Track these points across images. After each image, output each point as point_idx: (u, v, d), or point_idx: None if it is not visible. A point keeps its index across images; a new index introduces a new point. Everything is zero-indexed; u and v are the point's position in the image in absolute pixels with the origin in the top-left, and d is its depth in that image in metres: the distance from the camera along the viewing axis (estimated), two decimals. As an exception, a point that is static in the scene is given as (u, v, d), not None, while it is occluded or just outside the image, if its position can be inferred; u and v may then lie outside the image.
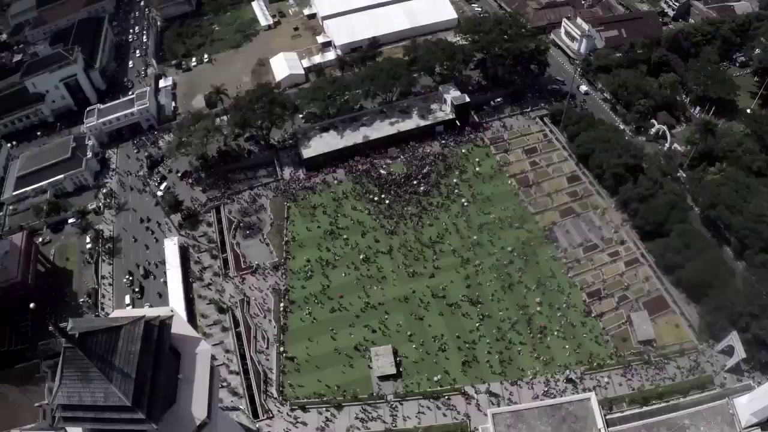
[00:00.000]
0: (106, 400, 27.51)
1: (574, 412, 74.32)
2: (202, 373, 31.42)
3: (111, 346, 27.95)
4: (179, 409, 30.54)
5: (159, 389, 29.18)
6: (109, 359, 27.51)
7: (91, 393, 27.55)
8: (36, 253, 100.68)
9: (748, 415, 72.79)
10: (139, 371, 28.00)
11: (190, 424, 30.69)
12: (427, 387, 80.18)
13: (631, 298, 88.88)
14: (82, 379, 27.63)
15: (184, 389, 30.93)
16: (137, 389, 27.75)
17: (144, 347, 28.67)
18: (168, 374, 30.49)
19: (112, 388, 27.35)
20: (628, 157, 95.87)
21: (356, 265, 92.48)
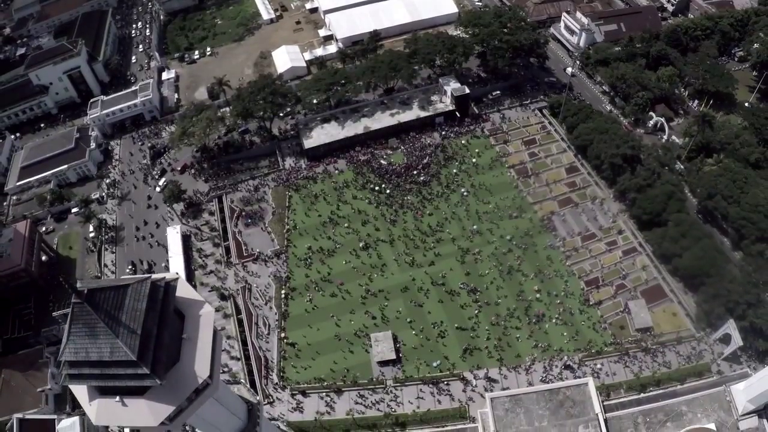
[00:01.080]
0: (112, 355, 28.31)
1: (571, 397, 75.13)
2: (205, 334, 32.32)
3: (118, 302, 28.86)
4: (182, 368, 31.45)
5: (163, 347, 30.06)
6: (115, 315, 28.42)
7: (98, 348, 28.39)
8: (39, 242, 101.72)
9: (745, 402, 73.33)
10: (144, 328, 28.87)
11: (192, 382, 31.57)
12: (426, 372, 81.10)
13: (628, 287, 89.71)
14: (89, 335, 28.43)
15: (188, 349, 31.83)
16: (142, 345, 28.64)
17: (150, 305, 29.51)
18: (172, 333, 31.39)
19: (118, 342, 28.16)
20: (625, 148, 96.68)
21: (357, 252, 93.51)
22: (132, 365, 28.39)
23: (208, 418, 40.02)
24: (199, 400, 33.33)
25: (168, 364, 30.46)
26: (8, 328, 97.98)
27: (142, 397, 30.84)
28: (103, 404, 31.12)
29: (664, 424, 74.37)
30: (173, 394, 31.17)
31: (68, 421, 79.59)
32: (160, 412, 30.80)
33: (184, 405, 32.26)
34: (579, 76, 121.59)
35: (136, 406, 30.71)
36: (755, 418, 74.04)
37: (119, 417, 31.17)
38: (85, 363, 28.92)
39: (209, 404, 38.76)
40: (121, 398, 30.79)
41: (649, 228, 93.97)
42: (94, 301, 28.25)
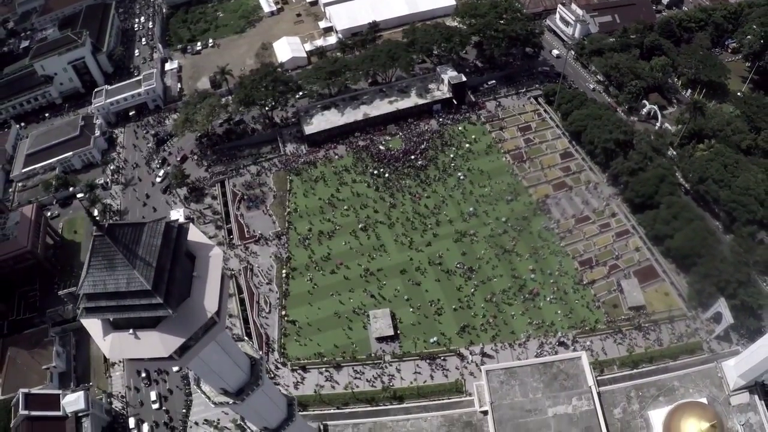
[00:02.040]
0: (128, 286, 30.27)
1: (565, 370, 77.25)
2: (215, 274, 34.28)
3: (135, 237, 30.87)
4: (192, 303, 33.37)
5: (175, 281, 32.02)
6: (133, 249, 30.40)
7: (115, 279, 30.38)
8: (45, 225, 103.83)
9: (736, 378, 74.82)
10: (159, 262, 30.84)
11: (202, 316, 33.56)
12: (423, 348, 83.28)
13: (621, 267, 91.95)
14: (108, 267, 30.37)
15: (198, 286, 33.77)
16: (157, 277, 30.63)
17: (164, 243, 31.53)
18: (183, 271, 33.34)
19: (134, 273, 30.14)
20: (618, 133, 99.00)
21: (356, 234, 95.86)
22: (147, 295, 30.46)
23: (213, 366, 41.98)
24: (206, 337, 35.36)
25: (179, 298, 32.52)
26: (13, 310, 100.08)
27: (154, 330, 32.74)
28: (117, 338, 33.18)
29: (656, 398, 76.25)
30: (183, 327, 33.10)
31: (73, 396, 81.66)
32: (170, 343, 32.79)
33: (193, 340, 34.39)
34: (574, 66, 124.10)
35: (147, 339, 32.74)
36: (746, 393, 75.55)
37: (132, 349, 33.15)
38: (103, 295, 30.90)
39: (214, 351, 40.80)
40: (134, 331, 32.84)
41: (641, 211, 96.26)
42: (114, 234, 30.33)
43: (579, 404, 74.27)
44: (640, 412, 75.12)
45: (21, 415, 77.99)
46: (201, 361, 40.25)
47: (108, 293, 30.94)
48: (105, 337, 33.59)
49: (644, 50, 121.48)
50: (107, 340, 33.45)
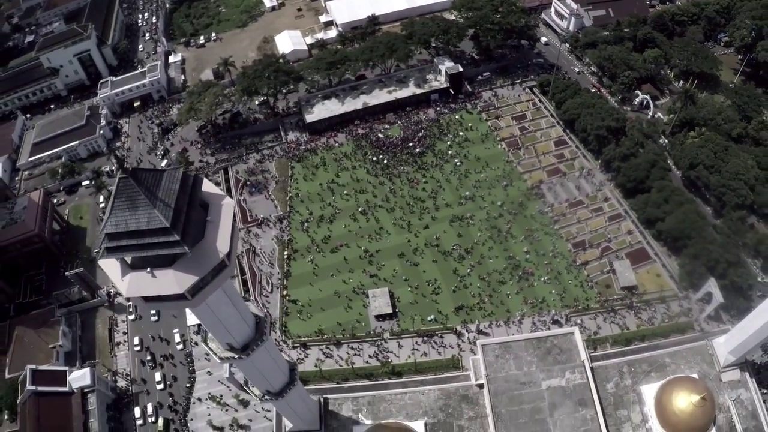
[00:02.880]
0: (149, 224, 32.58)
1: (558, 345, 79.51)
2: (226, 220, 36.65)
3: (156, 181, 33.42)
4: (206, 244, 35.72)
5: (190, 223, 34.42)
6: (153, 190, 32.90)
7: (136, 219, 32.73)
8: (52, 211, 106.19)
9: (726, 354, 76.70)
10: (176, 204, 33.35)
11: (215, 257, 35.94)
12: (420, 326, 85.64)
13: (613, 249, 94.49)
14: (130, 207, 32.80)
15: (211, 229, 36.14)
16: (175, 217, 33.07)
17: (181, 188, 34.24)
18: (198, 216, 35.92)
19: (155, 212, 32.49)
20: (610, 121, 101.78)
21: (356, 217, 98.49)
22: (165, 233, 32.89)
23: (221, 316, 44.29)
24: (217, 279, 37.76)
25: (194, 239, 34.98)
26: (20, 293, 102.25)
27: (169, 268, 35.18)
28: (135, 277, 35.57)
29: (648, 374, 78.16)
30: (197, 266, 35.51)
31: (79, 372, 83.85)
32: (184, 281, 35.16)
33: (205, 280, 36.77)
34: (569, 58, 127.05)
35: (163, 277, 35.10)
36: (737, 371, 77.30)
37: (148, 287, 35.50)
38: (124, 234, 33.29)
39: (222, 301, 43.21)
40: (151, 270, 35.26)
41: (633, 195, 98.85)
42: (137, 177, 33.00)
43: (572, 377, 76.55)
44: (633, 387, 77.21)
45: (28, 390, 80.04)
46: (210, 311, 42.74)
47: (129, 232, 33.43)
48: (123, 277, 36.05)
49: (637, 43, 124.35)
50: (125, 280, 35.90)
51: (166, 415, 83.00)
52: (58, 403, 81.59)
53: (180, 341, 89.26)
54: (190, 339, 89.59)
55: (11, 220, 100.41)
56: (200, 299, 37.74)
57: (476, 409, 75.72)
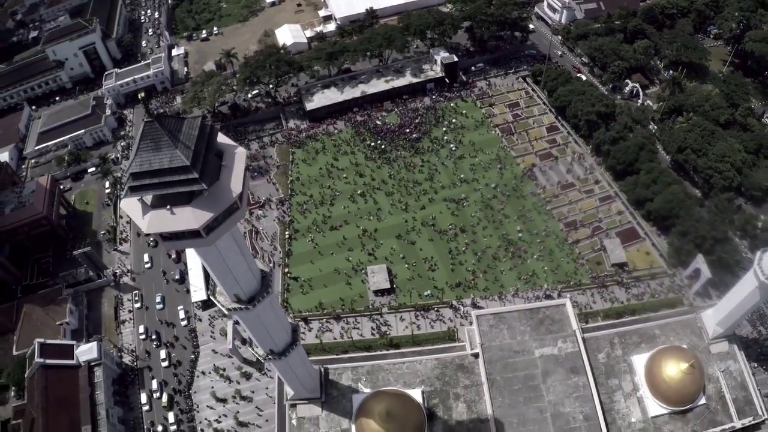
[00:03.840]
0: (171, 163, 35.92)
1: (550, 316, 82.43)
2: (239, 165, 39.87)
3: (177, 126, 37.06)
4: (221, 185, 39.00)
5: (207, 165, 37.86)
6: (175, 134, 36.48)
7: (159, 159, 35.97)
8: (59, 195, 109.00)
9: (714, 326, 79.63)
10: (196, 147, 36.92)
11: (229, 197, 39.09)
12: (417, 300, 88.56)
13: (604, 229, 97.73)
14: (154, 149, 36.02)
15: (225, 173, 39.45)
16: (194, 157, 36.54)
17: (200, 134, 37.72)
18: (214, 161, 39.45)
19: (176, 152, 35.81)
20: (600, 106, 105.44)
21: (354, 199, 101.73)
22: (185, 171, 36.20)
23: (230, 263, 47.09)
24: (230, 220, 40.88)
25: (211, 179, 38.34)
26: (27, 275, 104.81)
27: (188, 206, 38.31)
28: (155, 215, 38.63)
29: (639, 345, 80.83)
30: (213, 204, 38.66)
31: (86, 346, 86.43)
32: (201, 217, 38.25)
33: (219, 219, 39.66)
34: (555, 43, 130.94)
35: (182, 214, 38.19)
36: (725, 343, 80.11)
37: (168, 223, 38.56)
38: (148, 173, 36.57)
39: (231, 248, 46.11)
40: (170, 208, 38.28)
41: (622, 178, 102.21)
42: (162, 121, 36.59)
43: (564, 346, 79.45)
44: (623, 357, 79.83)
45: (36, 362, 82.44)
46: (220, 257, 45.73)
47: (152, 171, 36.74)
48: (144, 216, 39.13)
49: (627, 35, 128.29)
50: (146, 218, 39.00)
51: (169, 395, 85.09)
52: (66, 376, 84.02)
53: (184, 317, 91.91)
54: (194, 315, 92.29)
55: (20, 203, 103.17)
56: (213, 238, 40.74)
57: (472, 377, 78.47)
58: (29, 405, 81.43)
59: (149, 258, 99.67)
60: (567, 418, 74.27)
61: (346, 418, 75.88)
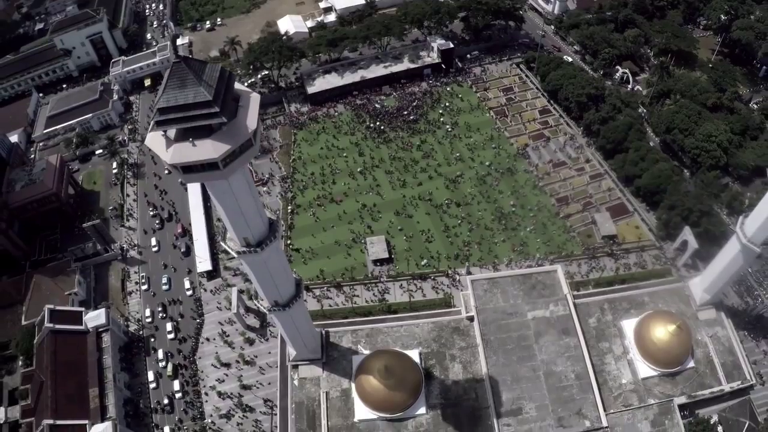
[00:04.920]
0: (195, 98, 40.17)
1: (542, 281, 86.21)
2: (253, 107, 44.27)
3: (201, 68, 41.55)
4: (238, 122, 43.32)
5: (227, 103, 42.26)
6: (199, 74, 40.95)
7: (185, 95, 40.19)
8: (68, 174, 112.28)
9: (701, 293, 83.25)
10: (217, 86, 41.27)
11: (245, 132, 43.31)
12: (415, 269, 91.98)
13: (594, 204, 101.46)
14: (180, 86, 40.25)
15: (242, 112, 43.81)
16: (216, 93, 40.87)
17: (220, 76, 42.20)
18: (231, 102, 43.78)
19: (200, 89, 40.00)
20: (590, 89, 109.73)
21: (354, 176, 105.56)
22: (207, 105, 40.40)
23: (242, 203, 50.43)
24: (244, 155, 44.92)
25: (229, 115, 42.65)
26: (36, 251, 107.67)
27: (208, 138, 42.42)
28: (178, 147, 42.62)
29: (628, 311, 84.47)
30: (231, 138, 42.76)
31: (94, 313, 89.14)
32: (220, 148, 42.32)
33: (235, 153, 43.62)
34: (554, 39, 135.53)
35: (202, 145, 42.30)
36: (713, 310, 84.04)
37: (190, 154, 42.56)
38: (173, 108, 40.69)
39: (243, 189, 49.72)
40: (192, 140, 42.11)
41: (612, 157, 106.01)
42: (188, 62, 41.18)
43: (556, 309, 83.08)
44: (614, 322, 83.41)
45: (46, 327, 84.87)
46: (233, 197, 49.41)
47: (178, 105, 40.98)
48: (167, 149, 42.97)
49: (618, 24, 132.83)
50: (169, 150, 42.95)
51: (174, 366, 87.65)
52: (74, 341, 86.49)
53: (190, 287, 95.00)
54: (199, 284, 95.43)
55: (30, 180, 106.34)
56: (229, 171, 44.59)
57: (467, 339, 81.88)
58: (37, 369, 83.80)
59: (156, 242, 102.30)
60: (559, 376, 77.74)
61: (346, 378, 79.35)
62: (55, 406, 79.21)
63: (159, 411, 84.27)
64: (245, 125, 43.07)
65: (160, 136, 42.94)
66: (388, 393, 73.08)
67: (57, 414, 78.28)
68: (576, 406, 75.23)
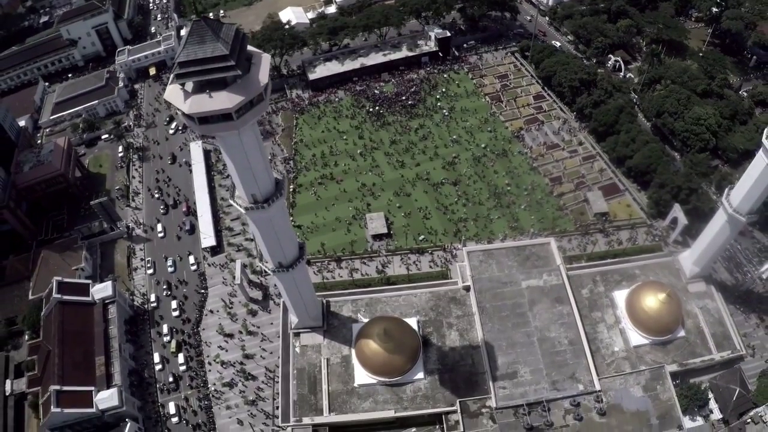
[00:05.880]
0: (213, 53, 43.80)
1: (536, 253, 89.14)
2: (265, 64, 48.10)
3: (218, 26, 45.33)
4: (251, 76, 46.95)
5: (241, 59, 45.94)
6: (217, 32, 44.60)
7: (203, 50, 43.86)
8: (76, 156, 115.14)
9: (691, 266, 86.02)
10: (233, 43, 45.02)
11: (258, 86, 46.79)
12: (413, 244, 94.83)
13: (587, 184, 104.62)
14: (199, 42, 43.97)
15: (254, 68, 47.50)
16: (231, 49, 44.58)
17: (236, 35, 45.96)
18: (245, 58, 47.53)
19: (218, 44, 43.72)
20: (582, 74, 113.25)
21: (354, 157, 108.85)
22: (224, 59, 44.04)
23: (251, 160, 53.52)
24: (256, 108, 48.26)
25: (244, 69, 46.14)
26: (42, 232, 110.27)
27: (224, 90, 45.82)
28: (196, 98, 46.13)
29: (620, 283, 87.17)
30: (245, 90, 46.22)
31: (101, 285, 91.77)
32: (234, 99, 45.77)
33: (247, 107, 46.93)
34: (549, 30, 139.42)
35: (218, 97, 45.72)
36: (702, 283, 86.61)
37: (207, 105, 46.00)
38: (192, 62, 44.31)
39: (253, 145, 52.84)
40: (209, 92, 45.46)
41: (604, 139, 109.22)
42: (207, 21, 45.02)
43: (549, 279, 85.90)
44: (606, 293, 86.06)
45: (54, 298, 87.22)
46: (243, 152, 52.48)
47: (197, 59, 44.63)
48: (185, 101, 46.28)
49: (611, 15, 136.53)
50: (187, 102, 46.48)
51: (178, 342, 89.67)
52: (82, 312, 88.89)
53: (194, 263, 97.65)
54: (203, 260, 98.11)
55: (38, 162, 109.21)
56: (241, 123, 48.10)
57: (463, 308, 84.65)
58: (45, 340, 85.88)
59: (162, 227, 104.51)
60: (553, 342, 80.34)
61: (346, 345, 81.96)
62: (62, 373, 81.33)
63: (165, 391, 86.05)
64: (258, 79, 46.80)
65: (178, 89, 46.55)
66: (387, 356, 75.70)
67: (64, 381, 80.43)
68: (569, 371, 77.77)
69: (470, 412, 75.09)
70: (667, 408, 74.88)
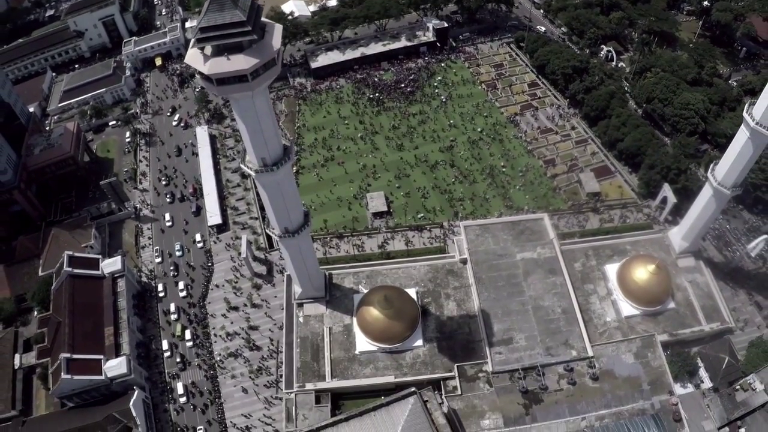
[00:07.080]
0: (231, 18, 47.98)
1: (530, 228, 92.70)
2: (277, 32, 52.29)
3: None
4: (265, 42, 51.28)
5: (257, 26, 50.48)
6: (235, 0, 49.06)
7: (223, 16, 47.92)
8: (85, 140, 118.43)
9: (680, 241, 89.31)
10: (249, 11, 49.41)
11: (271, 50, 51.16)
12: (412, 222, 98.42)
13: (580, 166, 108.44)
14: (219, 9, 48.12)
15: (267, 35, 51.78)
16: (248, 16, 48.89)
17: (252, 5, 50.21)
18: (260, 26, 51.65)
19: (236, 11, 48.08)
20: (575, 62, 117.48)
21: (355, 141, 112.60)
22: (242, 24, 48.24)
23: (263, 124, 57.21)
24: (269, 72, 52.27)
25: (258, 36, 50.34)
26: (51, 213, 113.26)
27: (240, 53, 49.98)
28: (215, 60, 50.13)
29: (611, 257, 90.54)
30: (259, 54, 50.34)
31: (111, 260, 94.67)
32: (250, 61, 49.86)
33: (261, 71, 50.92)
34: (543, 22, 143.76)
35: (236, 59, 49.75)
36: (692, 258, 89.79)
37: (225, 66, 50.01)
38: (212, 27, 48.43)
39: (265, 110, 56.50)
40: (227, 55, 49.52)
41: (596, 124, 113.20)
42: None
43: (543, 252, 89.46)
44: (598, 267, 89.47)
45: (65, 271, 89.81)
46: (256, 116, 56.27)
47: (216, 25, 48.73)
48: (205, 63, 50.35)
49: (604, 8, 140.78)
50: (207, 64, 50.68)
51: (182, 326, 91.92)
52: (91, 285, 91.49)
53: (201, 240, 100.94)
54: (208, 238, 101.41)
55: (48, 145, 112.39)
56: (256, 84, 52.08)
57: (461, 280, 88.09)
58: (55, 312, 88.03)
59: (170, 217, 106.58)
60: (547, 310, 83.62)
61: (348, 315, 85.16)
62: (72, 342, 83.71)
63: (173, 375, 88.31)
64: (271, 45, 51.21)
65: (198, 53, 50.62)
66: (387, 323, 78.86)
67: (74, 349, 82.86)
68: (563, 338, 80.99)
69: (467, 376, 78.32)
70: (658, 374, 77.93)
